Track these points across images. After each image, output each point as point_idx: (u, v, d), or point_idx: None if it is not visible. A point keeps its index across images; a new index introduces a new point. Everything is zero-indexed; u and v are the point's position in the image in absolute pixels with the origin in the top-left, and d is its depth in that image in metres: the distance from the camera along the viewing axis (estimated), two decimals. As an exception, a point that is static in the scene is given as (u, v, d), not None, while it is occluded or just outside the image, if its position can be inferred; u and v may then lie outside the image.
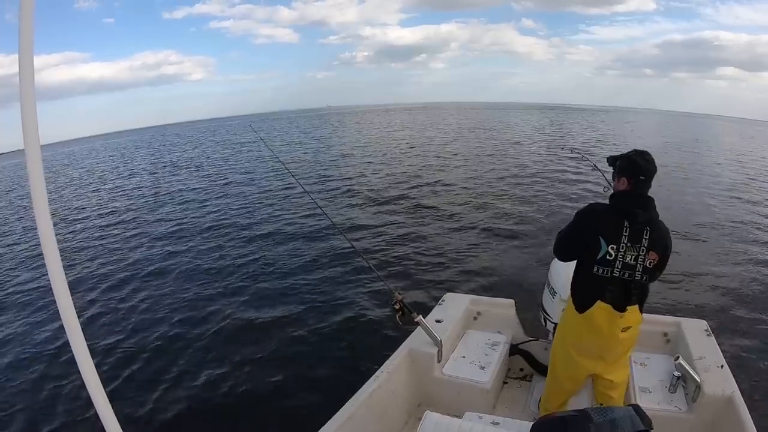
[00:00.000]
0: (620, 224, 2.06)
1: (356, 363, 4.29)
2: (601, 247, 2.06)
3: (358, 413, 2.31)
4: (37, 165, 0.77)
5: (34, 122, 0.75)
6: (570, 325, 2.28)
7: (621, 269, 2.07)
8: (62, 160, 37.95)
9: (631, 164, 2.12)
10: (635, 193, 2.10)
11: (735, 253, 7.53)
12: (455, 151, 21.04)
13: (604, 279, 2.09)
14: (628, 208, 2.07)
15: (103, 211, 12.88)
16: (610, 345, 2.18)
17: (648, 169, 2.09)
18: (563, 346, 2.35)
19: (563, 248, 2.29)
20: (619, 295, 2.09)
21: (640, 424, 1.41)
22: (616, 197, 2.16)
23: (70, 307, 0.83)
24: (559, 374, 2.40)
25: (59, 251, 0.81)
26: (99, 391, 0.85)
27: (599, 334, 2.16)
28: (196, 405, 3.99)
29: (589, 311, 2.14)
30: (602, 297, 2.10)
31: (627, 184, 2.12)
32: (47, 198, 0.79)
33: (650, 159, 2.14)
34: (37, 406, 4.14)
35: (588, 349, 2.24)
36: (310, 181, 14.17)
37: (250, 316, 5.53)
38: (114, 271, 7.55)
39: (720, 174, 16.45)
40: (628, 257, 2.06)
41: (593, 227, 2.10)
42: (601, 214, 2.13)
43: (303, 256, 7.57)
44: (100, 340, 5.18)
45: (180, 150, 33.82)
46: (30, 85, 0.74)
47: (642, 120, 66.86)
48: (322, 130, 44.63)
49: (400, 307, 2.65)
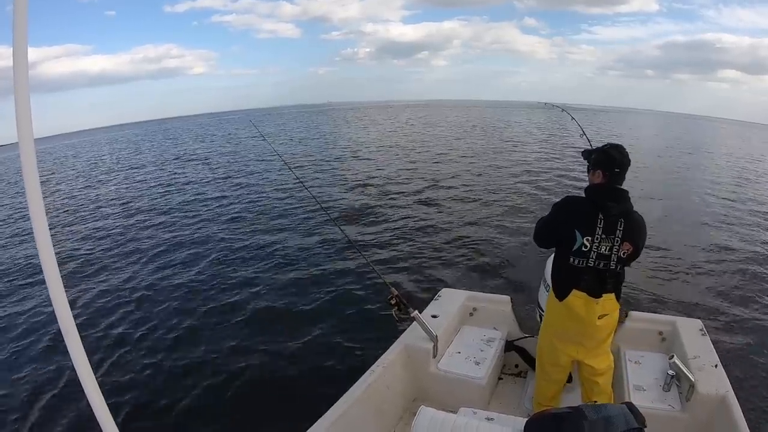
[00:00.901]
0: (594, 217, 2.13)
1: (352, 357, 4.30)
2: (576, 239, 2.14)
3: (354, 407, 2.32)
4: (30, 158, 0.76)
5: (27, 115, 0.74)
6: (552, 313, 2.38)
7: (596, 259, 2.15)
8: (66, 152, 38.05)
9: (607, 157, 2.19)
10: (610, 186, 2.18)
11: (731, 253, 7.54)
12: (454, 148, 21.03)
13: (579, 269, 2.17)
14: (602, 201, 2.15)
15: (99, 203, 12.86)
16: (588, 332, 2.27)
17: (622, 161, 2.17)
18: (547, 335, 2.46)
19: (540, 237, 2.40)
20: (594, 283, 2.18)
21: (633, 421, 1.42)
22: (591, 190, 2.22)
23: (65, 307, 0.82)
24: (545, 362, 2.49)
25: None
26: (92, 383, 0.85)
27: (578, 321, 2.25)
28: (189, 398, 3.99)
29: (567, 299, 2.24)
30: (577, 285, 2.19)
31: (602, 177, 2.19)
32: (41, 192, 0.79)
33: (624, 152, 2.21)
34: (31, 403, 4.14)
35: (569, 336, 2.33)
36: (308, 176, 14.14)
37: (244, 310, 5.53)
38: (111, 258, 7.54)
39: (718, 174, 16.50)
40: (602, 248, 2.14)
41: (568, 220, 2.19)
42: (576, 207, 2.22)
43: (299, 250, 7.56)
44: (95, 330, 5.19)
45: (182, 143, 33.93)
46: (24, 78, 0.74)
47: (643, 121, 66.91)
48: (323, 126, 44.47)
49: (396, 302, 2.65)
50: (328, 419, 2.18)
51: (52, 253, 0.81)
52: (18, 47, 0.72)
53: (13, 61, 0.72)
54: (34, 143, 0.76)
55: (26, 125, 0.74)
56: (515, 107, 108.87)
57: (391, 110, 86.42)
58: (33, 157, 0.77)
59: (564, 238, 2.20)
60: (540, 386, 2.57)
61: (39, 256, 0.81)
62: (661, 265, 6.79)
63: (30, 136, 0.75)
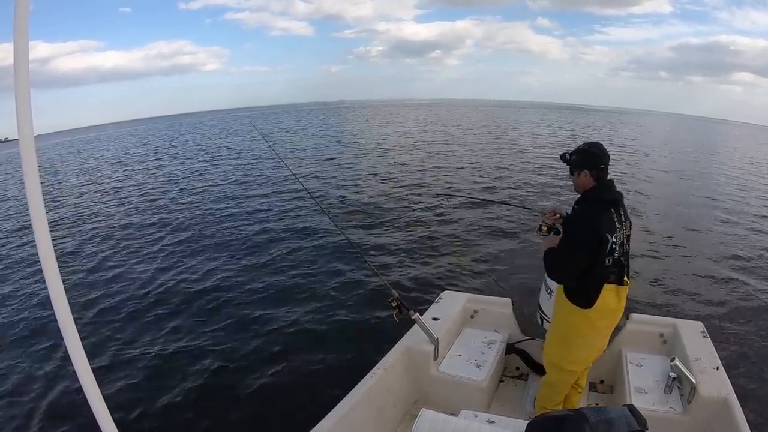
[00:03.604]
0: (611, 214, 2.21)
1: (353, 360, 4.29)
2: (608, 241, 2.16)
3: (355, 410, 2.31)
4: (30, 155, 0.76)
5: (27, 112, 0.74)
6: (575, 324, 2.31)
7: (619, 250, 2.23)
8: (85, 146, 39.62)
9: (591, 156, 2.25)
10: (603, 182, 2.25)
11: (733, 255, 7.54)
12: (460, 150, 20.96)
13: (609, 266, 2.21)
14: (610, 198, 2.24)
15: (100, 201, 12.85)
16: (617, 318, 2.36)
17: (605, 156, 2.26)
18: (565, 346, 2.40)
19: (572, 271, 2.22)
20: (619, 271, 2.26)
21: (635, 424, 1.42)
22: (594, 194, 2.24)
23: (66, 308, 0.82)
24: (565, 376, 2.48)
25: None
26: (92, 383, 0.85)
27: (611, 314, 2.29)
28: (189, 399, 3.98)
29: (598, 301, 2.22)
30: (607, 280, 2.22)
31: (590, 176, 2.23)
32: (41, 188, 0.79)
33: (603, 147, 2.30)
34: (31, 403, 4.13)
35: (597, 340, 2.37)
36: (309, 175, 14.15)
37: (245, 311, 5.52)
38: (111, 258, 7.54)
39: (727, 176, 16.55)
40: (620, 237, 2.23)
41: (600, 231, 2.15)
42: (596, 217, 2.19)
43: (299, 251, 7.56)
44: (95, 329, 5.18)
45: (183, 141, 34.23)
46: (25, 75, 0.74)
47: (657, 123, 67.02)
48: (333, 124, 44.52)
49: (397, 304, 2.65)
50: (329, 422, 2.18)
51: (52, 252, 0.81)
52: (19, 44, 0.72)
53: (14, 58, 0.72)
54: (33, 140, 0.76)
55: (26, 122, 0.74)
56: (527, 108, 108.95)
57: (401, 109, 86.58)
58: (33, 155, 0.77)
59: (598, 250, 2.16)
60: (550, 393, 2.58)
61: (39, 255, 0.81)
62: (663, 267, 6.79)
63: (30, 132, 0.75)
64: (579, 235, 2.19)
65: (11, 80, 0.71)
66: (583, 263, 2.17)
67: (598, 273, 2.19)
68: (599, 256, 2.15)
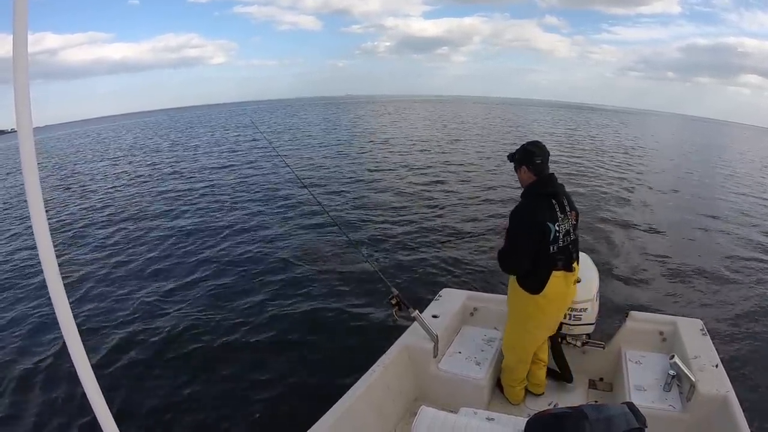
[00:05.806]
0: (551, 204, 2.39)
1: (352, 357, 4.28)
2: (551, 230, 2.34)
3: (354, 407, 2.32)
4: (29, 150, 0.76)
5: (26, 105, 0.74)
6: (527, 310, 2.53)
7: (563, 238, 2.39)
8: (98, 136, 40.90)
9: (526, 153, 2.45)
10: (542, 176, 2.43)
11: (732, 253, 7.55)
12: (460, 148, 20.93)
13: (554, 254, 2.38)
14: (548, 190, 2.42)
15: (101, 198, 12.84)
16: (568, 302, 2.58)
17: (541, 152, 2.44)
18: (519, 330, 2.64)
19: (521, 260, 2.42)
20: (567, 258, 2.43)
21: (634, 421, 1.42)
22: (535, 187, 2.44)
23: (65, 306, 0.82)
24: (520, 355, 2.71)
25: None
26: (92, 383, 0.85)
27: (560, 298, 2.48)
28: (189, 399, 3.98)
29: (546, 287, 2.40)
30: (555, 267, 2.40)
31: (530, 171, 2.44)
32: (40, 183, 0.79)
33: (541, 145, 2.49)
34: (31, 403, 4.13)
35: (549, 322, 2.60)
36: (308, 174, 14.10)
37: (243, 309, 5.52)
38: (111, 256, 7.53)
39: (729, 176, 16.56)
40: (564, 227, 2.40)
41: (540, 220, 2.34)
42: (534, 209, 2.39)
43: (299, 248, 7.54)
44: (95, 329, 5.18)
45: (197, 134, 34.68)
46: (24, 69, 0.73)
47: (664, 124, 67.02)
48: (339, 119, 44.48)
49: (397, 302, 2.65)
50: (329, 419, 2.18)
51: (52, 251, 0.81)
52: (18, 37, 0.72)
53: (13, 51, 0.72)
54: (32, 132, 0.76)
55: (25, 117, 0.74)
56: (535, 106, 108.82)
57: (408, 105, 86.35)
58: (32, 150, 0.77)
59: (541, 237, 2.35)
60: (510, 374, 2.80)
61: (39, 255, 0.81)
62: (662, 266, 6.80)
63: (29, 125, 0.75)
64: (521, 224, 2.41)
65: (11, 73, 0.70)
66: (527, 247, 2.37)
67: (546, 260, 2.37)
68: (544, 243, 2.34)
